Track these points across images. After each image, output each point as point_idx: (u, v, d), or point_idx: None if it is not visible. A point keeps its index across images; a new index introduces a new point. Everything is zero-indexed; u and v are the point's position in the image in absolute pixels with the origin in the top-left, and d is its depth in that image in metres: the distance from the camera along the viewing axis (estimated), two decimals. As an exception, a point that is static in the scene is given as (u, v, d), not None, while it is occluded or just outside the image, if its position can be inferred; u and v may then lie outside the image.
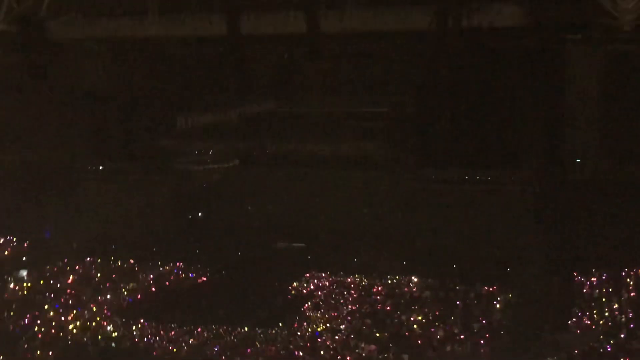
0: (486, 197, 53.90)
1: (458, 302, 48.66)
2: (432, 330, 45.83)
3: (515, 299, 48.57)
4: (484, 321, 46.32)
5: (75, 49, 62.10)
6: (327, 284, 52.64)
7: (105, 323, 48.49)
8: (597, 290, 48.25)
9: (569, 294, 48.37)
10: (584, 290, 48.64)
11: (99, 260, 57.33)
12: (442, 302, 48.90)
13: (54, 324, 48.61)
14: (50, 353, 45.82)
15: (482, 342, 44.41)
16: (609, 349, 42.61)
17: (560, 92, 52.61)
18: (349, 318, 47.87)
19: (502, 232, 52.56)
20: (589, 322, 45.35)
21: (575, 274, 49.77)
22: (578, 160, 52.75)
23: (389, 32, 53.23)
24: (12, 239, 61.40)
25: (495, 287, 49.69)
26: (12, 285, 54.17)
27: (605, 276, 49.14)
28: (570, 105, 52.48)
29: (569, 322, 45.40)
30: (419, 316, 47.35)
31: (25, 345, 46.32)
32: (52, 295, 52.51)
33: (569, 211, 51.81)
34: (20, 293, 53.22)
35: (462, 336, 44.87)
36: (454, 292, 49.88)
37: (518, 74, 53.50)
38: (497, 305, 48.17)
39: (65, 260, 57.34)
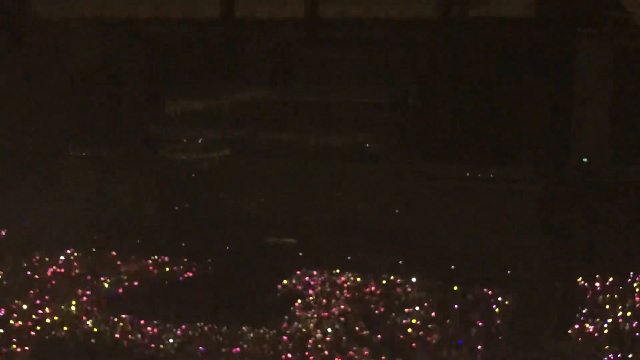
0: (487, 195, 52.21)
1: (455, 305, 46.79)
2: (428, 333, 43.99)
3: (514, 303, 46.81)
4: (481, 325, 44.49)
5: (58, 27, 60.37)
6: (318, 282, 50.75)
7: (85, 318, 46.57)
8: (601, 297, 46.52)
9: (572, 300, 46.72)
10: (588, 296, 46.92)
11: (79, 252, 55.37)
12: (439, 304, 46.99)
13: (31, 317, 46.57)
14: (26, 348, 43.92)
15: (479, 347, 42.63)
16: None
17: (568, 88, 51.18)
18: (341, 318, 45.96)
19: (503, 233, 50.97)
20: (591, 330, 43.45)
21: (578, 278, 48.12)
22: (585, 160, 51.20)
23: (391, 19, 51.75)
24: (-11, 226, 59.91)
25: (493, 290, 47.85)
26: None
27: (610, 281, 47.47)
28: (579, 101, 51.02)
29: (571, 330, 43.58)
30: (413, 319, 45.52)
31: (-1, 339, 44.40)
32: (29, 287, 50.42)
33: (573, 213, 50.31)
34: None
35: (458, 341, 43.00)
36: (451, 294, 48.05)
37: (525, 68, 51.96)
38: (496, 309, 46.34)
39: (44, 250, 55.32)
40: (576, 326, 43.74)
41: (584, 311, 45.11)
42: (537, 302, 46.58)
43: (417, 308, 46.45)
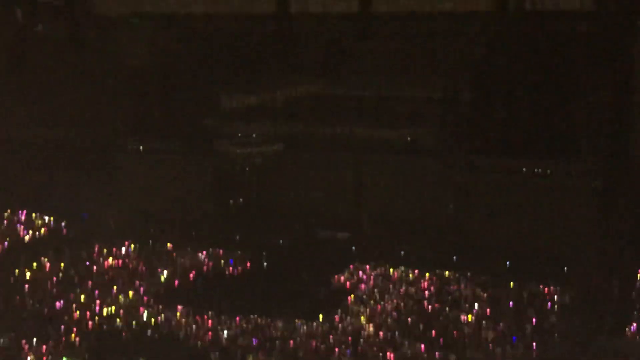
0: (543, 190, 51.31)
1: (510, 302, 46.21)
2: (482, 330, 43.55)
3: (571, 301, 46.13)
4: (537, 323, 43.89)
5: (119, 23, 61.40)
6: (372, 276, 50.64)
7: (141, 309, 47.24)
8: (660, 294, 45.56)
9: (630, 297, 45.70)
10: (646, 294, 45.95)
11: (136, 244, 56.24)
12: (494, 300, 46.56)
13: (89, 308, 47.43)
14: (84, 338, 44.71)
15: (534, 344, 42.03)
16: (672, 359, 39.98)
17: (626, 80, 49.75)
18: (394, 314, 45.81)
19: (560, 228, 50.10)
20: (650, 329, 42.60)
21: (637, 275, 46.89)
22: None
23: (445, 12, 51.22)
24: (50, 218, 60.93)
25: (550, 287, 47.26)
26: (47, 267, 53.19)
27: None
28: (638, 95, 49.56)
29: (628, 328, 42.77)
30: (468, 314, 45.07)
31: (59, 330, 45.25)
32: (89, 278, 51.42)
33: (632, 207, 48.96)
34: (55, 275, 52.24)
35: (513, 338, 42.48)
36: (507, 291, 47.47)
37: (582, 60, 50.86)
38: (552, 307, 45.67)
39: (102, 242, 56.36)
40: (633, 324, 42.95)
41: (642, 309, 44.43)
42: (593, 300, 45.64)
43: (472, 304, 46.23)
